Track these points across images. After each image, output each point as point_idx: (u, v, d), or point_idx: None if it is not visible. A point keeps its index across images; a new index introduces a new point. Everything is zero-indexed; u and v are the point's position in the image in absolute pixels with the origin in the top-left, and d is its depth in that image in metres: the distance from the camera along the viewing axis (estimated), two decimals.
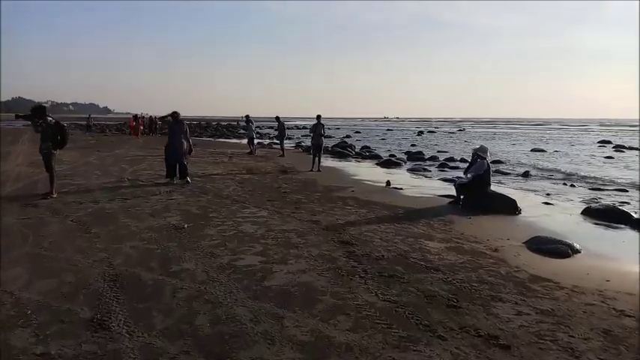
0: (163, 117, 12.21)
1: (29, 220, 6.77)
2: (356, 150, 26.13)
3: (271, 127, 70.80)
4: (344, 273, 4.75)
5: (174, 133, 11.07)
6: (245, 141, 28.43)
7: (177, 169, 10.89)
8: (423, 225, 7.19)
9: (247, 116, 21.64)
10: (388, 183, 12.20)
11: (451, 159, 21.45)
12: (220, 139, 35.15)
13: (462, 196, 9.27)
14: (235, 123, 77.46)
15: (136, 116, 36.05)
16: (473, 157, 9.56)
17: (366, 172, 15.88)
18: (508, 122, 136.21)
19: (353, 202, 9.03)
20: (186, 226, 6.52)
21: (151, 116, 38.97)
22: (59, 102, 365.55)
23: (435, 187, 12.39)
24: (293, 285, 4.39)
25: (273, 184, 11.20)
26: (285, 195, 9.51)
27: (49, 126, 8.48)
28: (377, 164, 19.28)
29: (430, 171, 17.06)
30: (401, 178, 14.32)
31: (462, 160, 21.13)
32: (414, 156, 22.37)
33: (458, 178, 10.10)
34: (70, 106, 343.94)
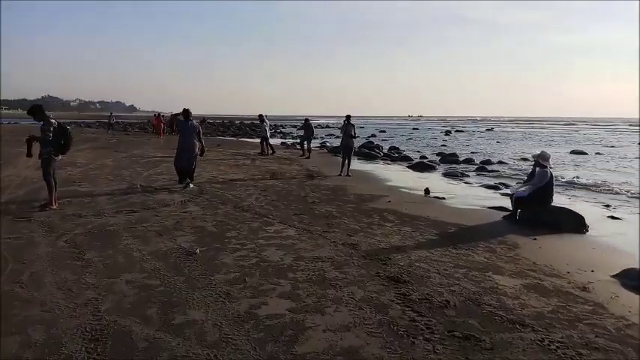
0: (175, 115, 11.18)
1: (16, 239, 5.75)
2: (384, 151, 24.86)
3: (294, 127, 69.94)
4: (402, 331, 3.54)
5: (185, 134, 10.12)
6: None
7: (188, 172, 10.16)
8: (483, 250, 5.92)
9: (261, 115, 20.50)
10: (427, 191, 10.93)
11: (488, 162, 19.94)
12: (243, 139, 34.21)
13: (518, 210, 7.96)
14: (258, 122, 76.82)
15: (158, 115, 35.86)
16: (534, 165, 8.21)
17: (399, 176, 14.62)
18: (532, 121, 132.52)
19: (392, 216, 7.81)
20: (198, 251, 5.39)
21: (172, 114, 38.66)
22: (86, 100, 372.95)
23: (480, 195, 11.06)
24: (335, 352, 3.21)
25: (300, 191, 10.05)
26: (314, 206, 8.34)
27: (51, 127, 7.50)
28: (408, 167, 17.98)
29: (468, 176, 15.69)
30: (438, 184, 13.01)
31: (500, 163, 19.65)
32: (448, 158, 20.94)
33: (515, 188, 8.75)
34: (97, 104, 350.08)
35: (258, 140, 21.44)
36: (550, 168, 7.97)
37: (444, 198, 10.18)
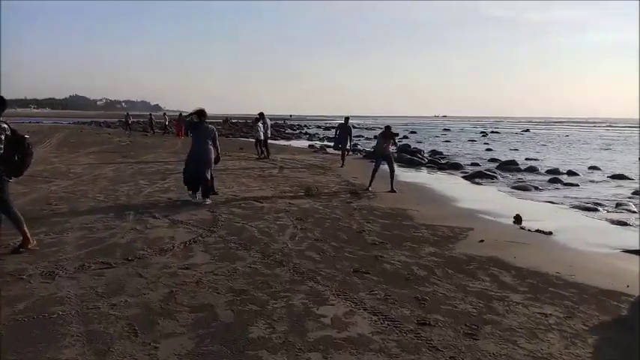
0: (189, 115, 8.91)
1: None
2: (426, 155, 21.97)
3: (319, 127, 67.09)
4: None
5: (198, 137, 8.33)
6: (290, 142, 24.88)
7: (200, 183, 8.29)
8: None
9: (261, 114, 17.69)
10: (518, 219, 8.09)
11: (556, 171, 16.85)
12: (268, 141, 31.57)
13: None
14: (282, 122, 74.42)
15: (180, 115, 34.91)
16: None
17: (461, 191, 11.80)
18: (564, 121, 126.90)
19: (507, 275, 5.00)
20: None
21: (180, 113, 37.97)
22: (112, 99, 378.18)
23: (595, 228, 8.16)
24: None
25: (349, 220, 7.33)
26: (379, 252, 5.58)
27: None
28: (464, 177, 15.10)
29: (541, 189, 12.77)
30: (517, 204, 10.16)
31: (571, 174, 16.51)
32: (506, 166, 17.91)
33: None
34: (123, 104, 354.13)
35: (292, 143, 18.82)
36: None
37: (550, 233, 7.30)
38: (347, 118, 16.06)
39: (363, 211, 8.11)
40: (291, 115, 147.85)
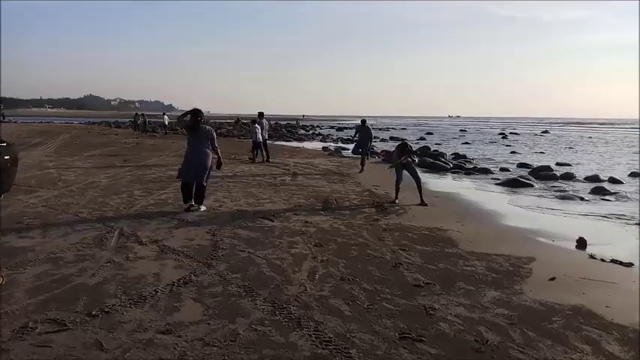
0: (182, 115, 8.04)
1: None
2: (449, 159, 20.50)
3: (332, 127, 65.67)
4: None
5: (195, 140, 7.55)
6: (303, 144, 23.61)
7: (194, 190, 7.63)
8: None
9: (260, 114, 16.36)
10: (582, 243, 6.67)
11: (595, 178, 15.28)
12: (279, 142, 30.36)
13: None
14: (295, 122, 73.03)
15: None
16: None
17: (497, 202, 10.47)
18: (582, 122, 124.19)
19: (608, 337, 3.60)
20: None
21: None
22: (126, 99, 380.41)
23: None
24: None
25: (379, 246, 5.96)
26: (429, 302, 4.19)
27: None
28: (497, 184, 13.65)
29: (588, 201, 11.30)
30: (570, 221, 8.72)
31: (613, 181, 14.92)
32: (540, 172, 16.32)
33: None
34: (137, 104, 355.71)
35: (305, 145, 17.49)
36: None
37: (630, 264, 5.84)
38: (364, 121, 14.97)
39: (394, 233, 6.73)
40: (303, 116, 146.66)
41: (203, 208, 7.67)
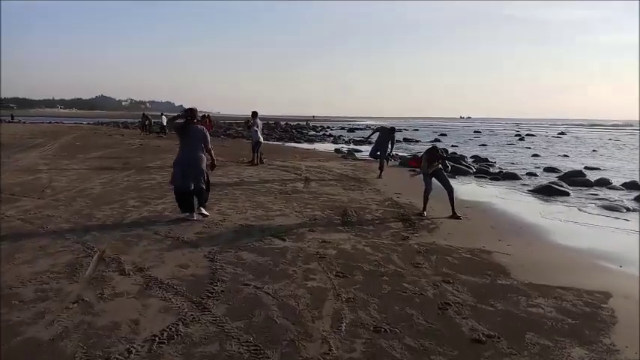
0: (174, 117, 7.44)
1: None
2: (470, 163, 19.31)
3: (343, 128, 64.41)
4: None
5: (187, 142, 6.80)
6: (314, 146, 22.55)
7: (194, 197, 6.93)
8: None
9: (254, 113, 15.28)
10: None
11: (635, 185, 13.99)
12: (289, 144, 29.26)
13: None
14: (305, 123, 71.87)
15: (204, 116, 33.20)
16: None
17: (537, 214, 9.30)
18: (599, 124, 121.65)
19: None
20: None
21: (204, 114, 36.29)
22: (137, 100, 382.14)
23: None
24: None
25: (417, 276, 4.83)
26: None
27: None
28: (529, 192, 12.46)
29: (635, 210, 10.09)
30: (628, 239, 7.52)
31: None
32: (572, 178, 15.04)
33: None
34: (148, 104, 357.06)
35: (316, 146, 16.40)
36: None
37: None
38: (385, 127, 14.05)
39: (431, 257, 5.58)
40: (313, 116, 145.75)
41: (204, 211, 7.02)
